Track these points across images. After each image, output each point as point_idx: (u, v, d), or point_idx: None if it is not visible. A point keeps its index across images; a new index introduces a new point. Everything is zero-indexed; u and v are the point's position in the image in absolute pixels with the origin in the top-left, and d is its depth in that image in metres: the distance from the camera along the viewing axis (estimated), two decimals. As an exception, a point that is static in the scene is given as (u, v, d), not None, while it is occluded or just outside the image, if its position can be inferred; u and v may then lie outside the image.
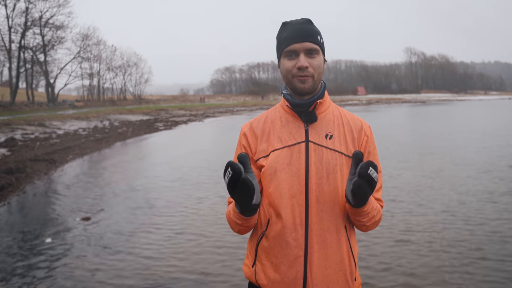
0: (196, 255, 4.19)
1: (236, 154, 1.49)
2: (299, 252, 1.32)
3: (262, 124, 1.45)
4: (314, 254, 1.32)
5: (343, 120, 1.42)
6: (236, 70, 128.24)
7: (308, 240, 1.32)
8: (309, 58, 1.34)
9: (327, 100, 1.43)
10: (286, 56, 1.36)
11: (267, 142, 1.41)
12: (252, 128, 1.47)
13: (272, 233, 1.36)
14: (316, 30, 1.37)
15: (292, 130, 1.39)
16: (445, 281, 3.44)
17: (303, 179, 1.33)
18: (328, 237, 1.33)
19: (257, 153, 1.42)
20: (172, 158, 11.11)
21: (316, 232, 1.32)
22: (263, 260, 1.39)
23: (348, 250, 1.37)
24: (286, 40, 1.35)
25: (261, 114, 1.50)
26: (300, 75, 1.33)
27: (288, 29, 1.36)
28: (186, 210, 5.87)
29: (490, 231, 4.58)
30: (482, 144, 12.09)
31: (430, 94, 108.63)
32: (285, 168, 1.35)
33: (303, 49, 1.33)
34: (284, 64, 1.37)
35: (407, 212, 5.42)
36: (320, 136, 1.37)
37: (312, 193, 1.33)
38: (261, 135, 1.43)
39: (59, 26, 42.57)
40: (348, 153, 1.37)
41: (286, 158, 1.36)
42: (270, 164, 1.37)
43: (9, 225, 5.35)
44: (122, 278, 3.68)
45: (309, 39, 1.33)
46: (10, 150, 11.70)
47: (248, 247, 1.49)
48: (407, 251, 4.11)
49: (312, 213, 1.32)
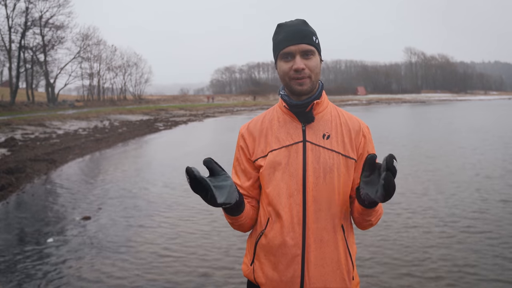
0: (196, 254, 4.20)
1: (234, 156, 1.52)
2: (296, 251, 1.34)
3: (260, 124, 1.47)
4: (311, 253, 1.34)
5: (341, 120, 1.43)
6: (236, 70, 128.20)
7: (305, 239, 1.34)
8: (305, 60, 1.34)
9: (324, 101, 1.44)
10: (283, 58, 1.37)
11: (265, 143, 1.42)
12: (249, 129, 1.48)
13: (271, 232, 1.38)
14: (311, 31, 1.38)
15: (289, 130, 1.40)
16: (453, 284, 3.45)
17: (301, 178, 1.35)
18: (324, 236, 1.35)
19: (255, 154, 1.44)
20: (172, 158, 11.12)
21: (313, 231, 1.34)
22: (262, 259, 1.41)
23: (345, 249, 1.38)
24: (282, 42, 1.36)
25: (259, 115, 1.52)
26: (297, 77, 1.34)
27: (284, 31, 1.36)
28: (186, 209, 5.88)
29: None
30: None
31: (430, 94, 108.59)
32: (283, 168, 1.37)
33: (299, 51, 1.34)
34: (281, 66, 1.37)
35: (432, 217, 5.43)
36: (318, 136, 1.38)
37: (309, 192, 1.34)
38: (259, 136, 1.44)
39: (59, 26, 42.57)
40: (346, 153, 1.38)
41: (284, 158, 1.37)
42: (268, 164, 1.38)
43: (9, 225, 5.36)
44: (122, 278, 3.69)
45: (305, 41, 1.34)
46: (10, 150, 11.71)
47: (247, 246, 1.51)
48: (411, 252, 4.12)
49: (309, 212, 1.34)
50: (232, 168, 1.54)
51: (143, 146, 14.92)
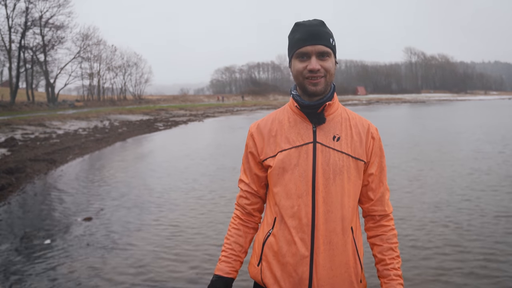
0: (197, 255, 4.18)
1: (244, 154, 1.53)
2: (305, 252, 1.32)
3: (270, 124, 1.46)
4: (320, 255, 1.32)
5: (350, 123, 1.42)
6: (236, 70, 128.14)
7: (314, 241, 1.33)
8: (320, 61, 1.33)
9: (335, 102, 1.43)
10: (298, 57, 1.35)
11: (275, 143, 1.42)
12: (259, 128, 1.47)
13: (279, 232, 1.37)
14: (329, 32, 1.36)
15: (300, 131, 1.39)
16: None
17: (310, 179, 1.34)
18: (334, 238, 1.33)
19: (264, 153, 1.43)
20: (172, 158, 11.09)
21: (322, 233, 1.33)
22: (270, 259, 1.39)
23: (354, 251, 1.37)
24: (299, 42, 1.34)
25: (269, 115, 1.51)
26: (311, 76, 1.32)
27: (301, 30, 1.35)
28: (186, 209, 5.86)
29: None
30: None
31: (430, 94, 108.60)
32: (292, 169, 1.36)
33: (315, 52, 1.32)
34: (296, 65, 1.36)
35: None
36: (328, 137, 1.37)
37: (319, 193, 1.33)
38: (268, 136, 1.43)
39: (59, 26, 42.58)
40: (355, 155, 1.37)
41: (294, 159, 1.36)
42: (278, 164, 1.38)
43: (9, 225, 5.33)
44: (123, 278, 3.67)
45: (322, 42, 1.32)
46: (10, 150, 11.69)
47: (254, 246, 1.50)
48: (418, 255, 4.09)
49: (319, 213, 1.33)
50: (242, 166, 1.54)
51: (143, 146, 14.89)
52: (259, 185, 1.49)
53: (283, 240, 1.36)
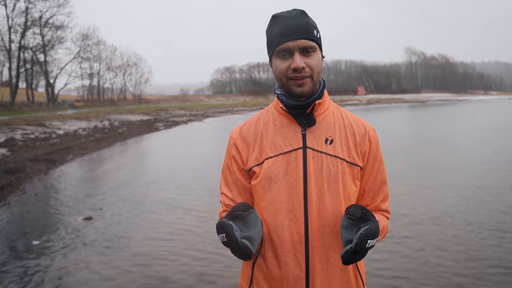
0: (197, 255, 4.18)
1: (224, 163, 1.33)
2: (299, 274, 1.17)
3: (254, 128, 1.28)
4: (317, 275, 1.17)
5: (344, 123, 1.26)
6: (236, 70, 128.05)
7: (309, 260, 1.17)
8: (305, 57, 1.15)
9: (326, 100, 1.25)
10: (279, 55, 1.17)
11: (260, 149, 1.24)
12: (242, 133, 1.29)
13: (269, 253, 1.21)
14: (312, 23, 1.18)
15: (287, 135, 1.22)
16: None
17: (301, 190, 1.17)
18: (332, 255, 1.19)
19: (249, 162, 1.25)
20: (172, 158, 11.09)
21: (318, 250, 1.17)
22: (261, 283, 1.24)
23: (354, 269, 1.24)
24: (278, 37, 1.15)
25: (253, 117, 1.33)
26: (296, 76, 1.15)
27: (280, 24, 1.16)
28: (187, 210, 5.86)
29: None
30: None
31: (430, 94, 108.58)
32: (281, 179, 1.19)
33: (298, 48, 1.14)
34: (277, 65, 1.18)
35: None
36: (319, 141, 1.20)
37: (313, 206, 1.17)
38: (254, 141, 1.25)
39: (59, 26, 42.55)
40: (350, 159, 1.21)
41: (282, 167, 1.19)
42: (264, 175, 1.20)
43: (9, 225, 5.34)
44: (123, 278, 3.68)
45: (305, 36, 1.14)
46: (10, 150, 11.70)
47: (243, 267, 1.33)
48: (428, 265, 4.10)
49: (313, 229, 1.17)
50: (222, 177, 1.34)
51: (143, 146, 14.90)
52: (246, 197, 1.29)
53: (273, 261, 1.20)
